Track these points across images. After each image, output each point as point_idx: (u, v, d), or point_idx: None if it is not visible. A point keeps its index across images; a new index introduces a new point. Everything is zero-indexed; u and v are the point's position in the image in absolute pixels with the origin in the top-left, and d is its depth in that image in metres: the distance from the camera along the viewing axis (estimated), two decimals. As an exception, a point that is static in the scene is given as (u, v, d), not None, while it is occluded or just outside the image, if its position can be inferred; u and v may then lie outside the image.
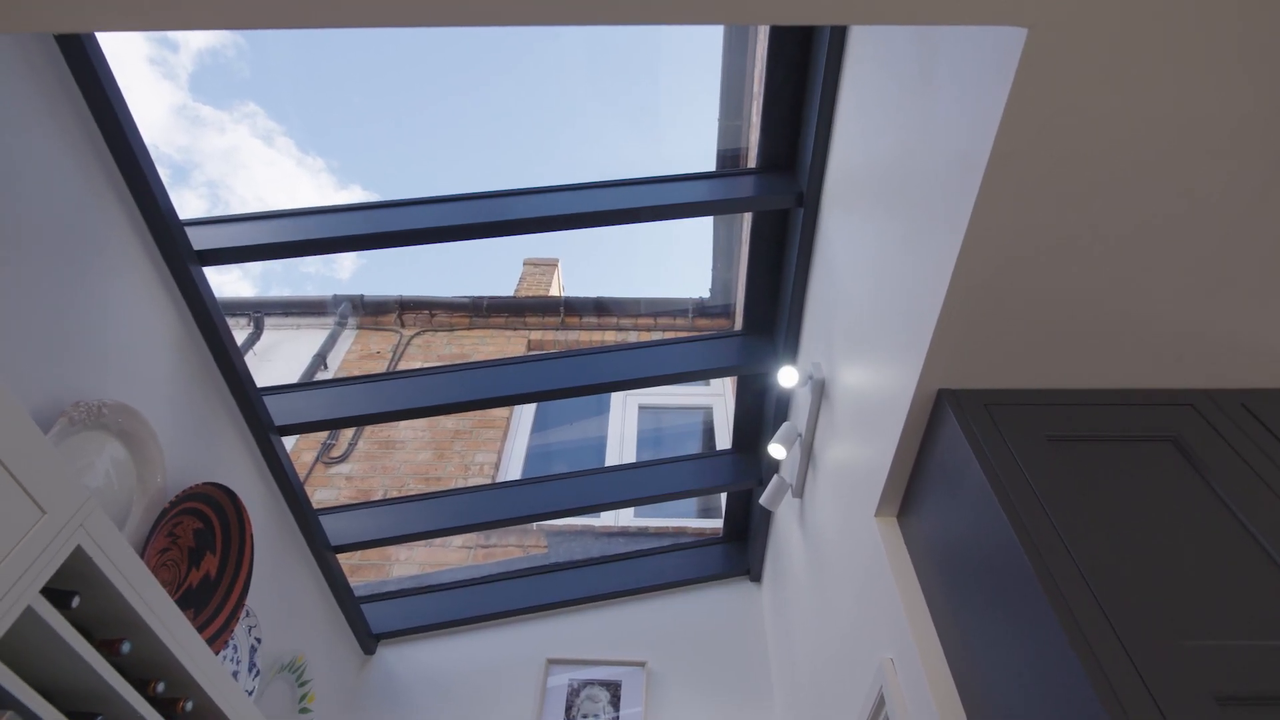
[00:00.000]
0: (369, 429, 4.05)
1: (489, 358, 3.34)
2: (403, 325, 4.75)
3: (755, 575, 3.06)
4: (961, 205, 1.09)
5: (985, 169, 1.02)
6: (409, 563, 3.35)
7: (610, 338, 4.80)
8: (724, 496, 3.18)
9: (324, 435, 3.94)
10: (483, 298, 4.81)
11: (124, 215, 1.61)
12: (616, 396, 4.28)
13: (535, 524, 3.45)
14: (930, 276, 1.21)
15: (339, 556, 2.51)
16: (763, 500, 2.28)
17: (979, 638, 1.14)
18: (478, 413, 4.13)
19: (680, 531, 3.55)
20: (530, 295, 5.63)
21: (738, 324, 3.61)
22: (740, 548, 3.12)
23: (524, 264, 6.20)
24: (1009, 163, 1.02)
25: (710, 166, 3.23)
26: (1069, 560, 1.00)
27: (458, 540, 3.44)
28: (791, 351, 2.30)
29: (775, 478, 2.27)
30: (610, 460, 3.96)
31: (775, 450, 2.19)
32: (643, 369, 2.33)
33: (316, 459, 3.86)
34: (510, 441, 4.10)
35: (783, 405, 2.42)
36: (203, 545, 1.72)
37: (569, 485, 2.67)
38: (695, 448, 4.22)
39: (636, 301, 4.86)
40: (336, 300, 4.76)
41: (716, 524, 3.58)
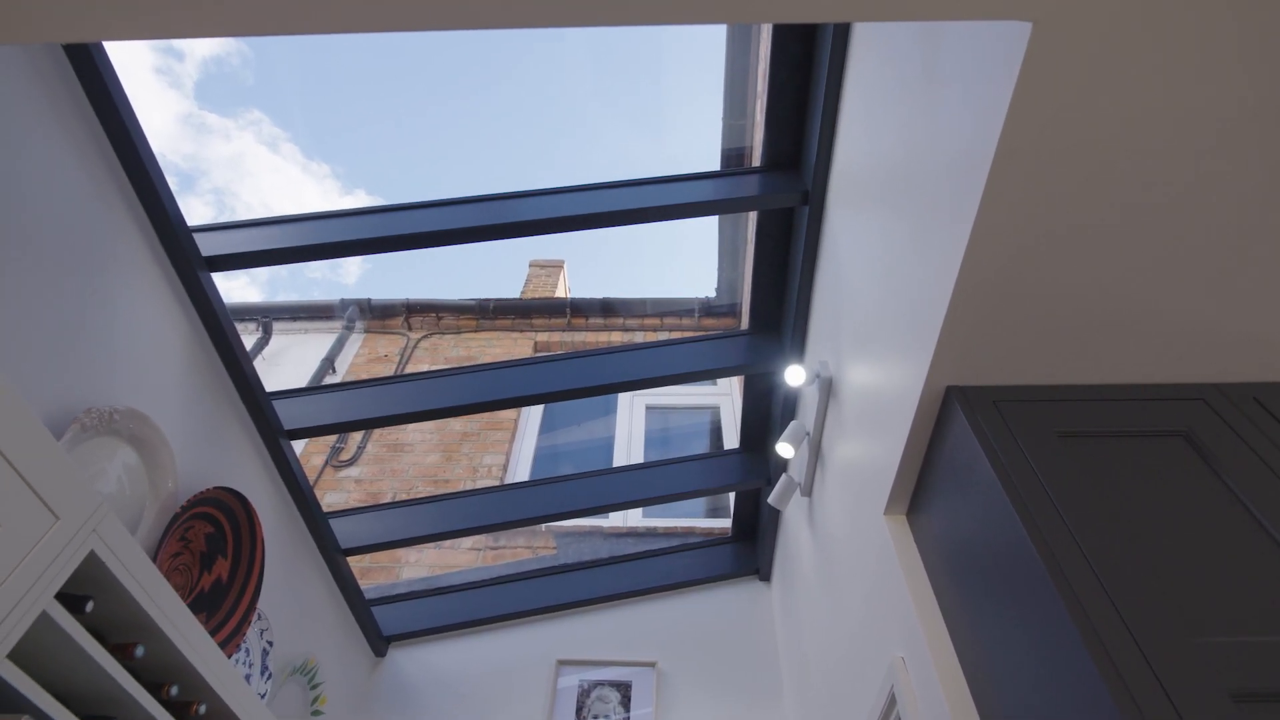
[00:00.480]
0: (377, 432, 4.06)
1: (496, 360, 3.34)
2: (410, 328, 4.77)
3: (764, 574, 3.06)
4: (967, 201, 1.09)
5: (991, 165, 1.02)
6: (419, 565, 3.37)
7: (616, 338, 4.80)
8: (732, 496, 3.18)
9: (333, 439, 3.96)
10: (489, 300, 4.83)
11: (133, 222, 1.62)
12: (624, 397, 4.28)
13: (544, 525, 3.46)
14: (937, 273, 1.20)
15: (349, 559, 2.52)
16: (771, 499, 2.27)
17: (990, 635, 1.14)
18: (485, 415, 4.14)
19: (689, 531, 3.55)
20: (536, 297, 5.64)
21: (744, 323, 3.60)
22: (749, 547, 3.11)
23: (530, 265, 6.22)
24: (1015, 158, 1.01)
25: (715, 166, 3.22)
26: (1081, 557, 0.99)
27: (467, 542, 3.45)
28: (798, 350, 2.29)
29: (783, 477, 2.26)
30: (618, 461, 3.96)
31: (783, 449, 2.18)
32: (649, 369, 2.33)
33: (326, 462, 3.88)
34: (518, 443, 4.11)
35: (790, 404, 2.42)
36: (214, 549, 1.74)
37: (577, 486, 2.68)
38: (703, 447, 4.22)
39: (642, 302, 4.86)
40: (344, 304, 4.79)
41: (725, 523, 3.58)
